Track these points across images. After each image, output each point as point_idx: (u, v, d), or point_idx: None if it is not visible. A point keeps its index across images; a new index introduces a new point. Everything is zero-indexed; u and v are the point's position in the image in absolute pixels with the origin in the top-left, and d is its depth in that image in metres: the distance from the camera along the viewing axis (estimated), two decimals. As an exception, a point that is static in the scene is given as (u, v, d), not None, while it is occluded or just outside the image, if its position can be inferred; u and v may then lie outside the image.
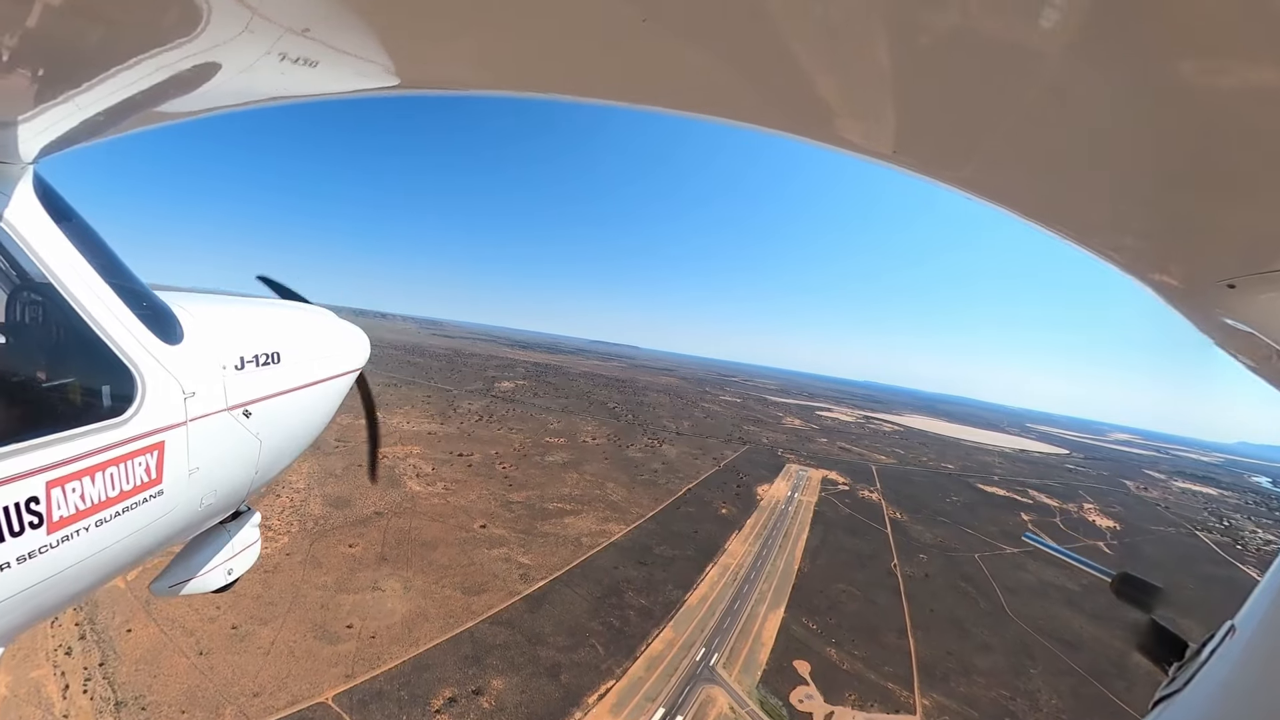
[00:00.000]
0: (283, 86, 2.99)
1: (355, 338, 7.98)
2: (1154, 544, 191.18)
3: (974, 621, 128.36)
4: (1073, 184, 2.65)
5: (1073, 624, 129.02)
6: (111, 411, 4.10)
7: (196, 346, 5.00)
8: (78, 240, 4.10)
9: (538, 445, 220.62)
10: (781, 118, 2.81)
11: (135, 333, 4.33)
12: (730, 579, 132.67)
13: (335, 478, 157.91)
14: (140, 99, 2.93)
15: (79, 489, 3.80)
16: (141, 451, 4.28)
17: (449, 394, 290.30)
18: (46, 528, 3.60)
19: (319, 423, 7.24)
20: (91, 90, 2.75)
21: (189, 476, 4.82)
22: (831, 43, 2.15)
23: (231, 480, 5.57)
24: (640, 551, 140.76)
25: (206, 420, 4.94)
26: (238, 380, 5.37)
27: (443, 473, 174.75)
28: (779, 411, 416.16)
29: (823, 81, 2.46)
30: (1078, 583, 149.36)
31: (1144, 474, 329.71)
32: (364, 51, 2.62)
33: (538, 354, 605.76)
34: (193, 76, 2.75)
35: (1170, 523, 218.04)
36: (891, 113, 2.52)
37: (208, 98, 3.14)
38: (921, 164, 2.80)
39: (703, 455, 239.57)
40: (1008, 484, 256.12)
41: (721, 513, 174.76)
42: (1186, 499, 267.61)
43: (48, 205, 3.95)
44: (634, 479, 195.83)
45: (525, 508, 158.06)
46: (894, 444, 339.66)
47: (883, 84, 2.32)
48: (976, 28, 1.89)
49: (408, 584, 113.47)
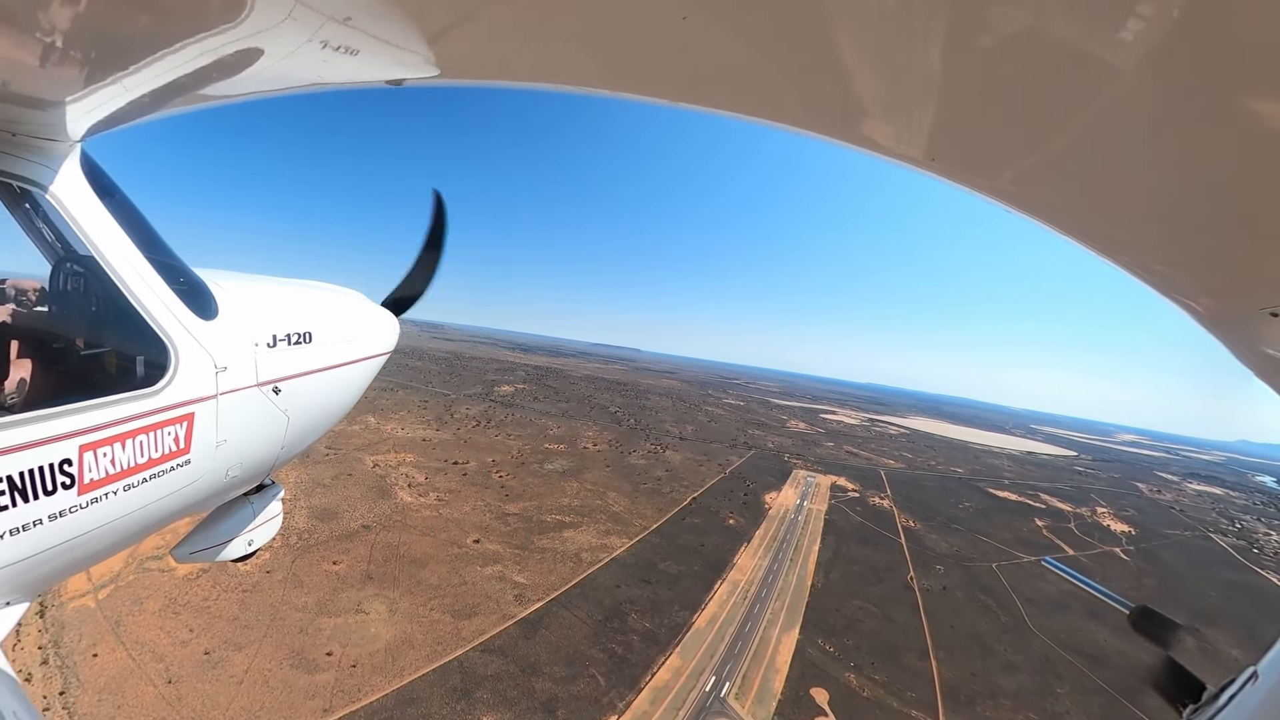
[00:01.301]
0: (323, 74, 3.14)
1: (385, 322, 7.93)
2: (1170, 549, 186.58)
3: (996, 638, 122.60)
4: (1113, 204, 2.66)
5: (1097, 637, 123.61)
6: (145, 381, 4.29)
7: (230, 323, 5.13)
8: (120, 216, 4.26)
9: (536, 452, 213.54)
10: (814, 118, 2.85)
11: (171, 307, 4.46)
12: (740, 597, 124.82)
13: (323, 488, 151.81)
14: (184, 82, 3.07)
15: (110, 454, 3.98)
16: (172, 421, 4.44)
17: (446, 399, 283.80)
18: (77, 489, 3.79)
19: (346, 403, 7.27)
20: (138, 73, 2.87)
21: (216, 448, 4.96)
22: (880, 45, 2.16)
23: (257, 454, 5.72)
24: (644, 568, 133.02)
25: (236, 395, 5.07)
26: (269, 357, 5.48)
27: (436, 482, 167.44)
28: (783, 415, 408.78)
29: (864, 84, 2.48)
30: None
31: (1156, 476, 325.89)
32: (405, 41, 2.69)
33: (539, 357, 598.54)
34: (235, 61, 2.85)
35: (1185, 526, 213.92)
36: (930, 119, 2.57)
37: (249, 82, 3.28)
38: (953, 171, 2.82)
39: (708, 461, 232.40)
40: (1019, 488, 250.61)
41: (729, 523, 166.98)
42: (1200, 501, 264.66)
43: (93, 181, 4.10)
44: (636, 488, 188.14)
45: (522, 520, 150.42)
46: (901, 447, 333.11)
47: (928, 89, 2.34)
48: (1036, 40, 1.88)
49: (393, 606, 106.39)
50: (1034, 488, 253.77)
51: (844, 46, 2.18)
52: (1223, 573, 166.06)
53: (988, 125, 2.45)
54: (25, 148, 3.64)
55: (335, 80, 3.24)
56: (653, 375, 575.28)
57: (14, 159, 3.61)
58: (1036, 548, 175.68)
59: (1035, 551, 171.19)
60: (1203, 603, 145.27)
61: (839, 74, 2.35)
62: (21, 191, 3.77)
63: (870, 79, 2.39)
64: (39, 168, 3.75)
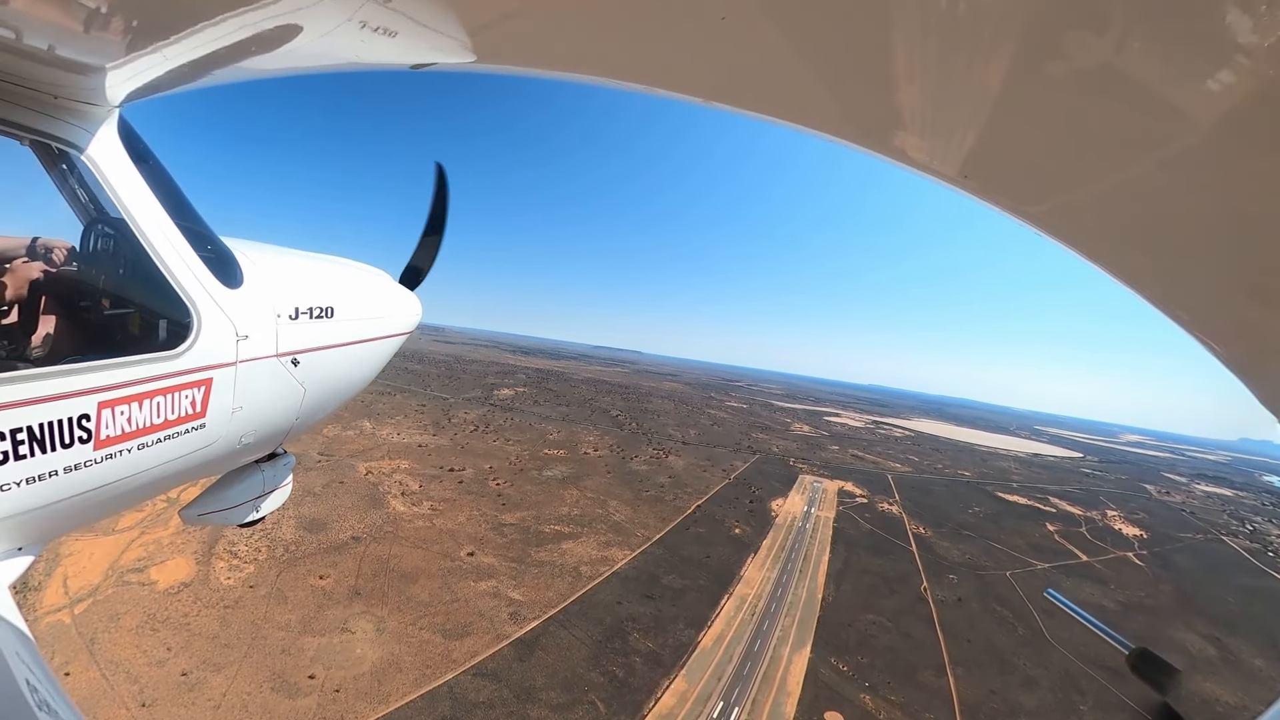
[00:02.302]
0: (360, 54, 3.20)
1: (407, 303, 7.98)
2: (1184, 553, 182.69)
3: (1014, 652, 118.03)
4: (1156, 248, 2.67)
5: (1117, 649, 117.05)
6: (166, 345, 4.40)
7: (254, 293, 5.20)
8: (152, 181, 4.39)
9: (535, 458, 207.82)
10: (846, 126, 2.87)
11: (197, 273, 4.57)
12: (749, 613, 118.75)
13: (313, 497, 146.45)
14: (223, 54, 3.15)
15: (127, 412, 4.07)
16: (190, 385, 4.55)
17: (445, 403, 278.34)
18: (94, 444, 3.88)
19: (362, 379, 7.34)
20: (178, 42, 2.96)
21: (231, 414, 5.05)
22: (935, 60, 2.13)
23: (272, 423, 5.79)
24: (646, 582, 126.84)
25: (255, 364, 5.16)
26: (290, 330, 5.55)
27: (431, 490, 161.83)
28: (786, 417, 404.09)
29: (908, 97, 2.45)
30: (1114, 600, 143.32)
31: (1163, 477, 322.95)
32: (443, 26, 2.73)
33: (540, 360, 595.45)
34: (274, 36, 2.93)
35: (1196, 529, 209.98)
36: (973, 139, 2.56)
37: (286, 58, 3.35)
38: (986, 191, 2.83)
39: (711, 467, 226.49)
40: (1028, 491, 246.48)
41: (735, 533, 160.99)
42: (1209, 503, 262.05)
43: (129, 146, 4.23)
44: (638, 495, 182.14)
45: (519, 531, 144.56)
46: (907, 450, 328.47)
47: (977, 110, 2.32)
48: (1111, 76, 1.85)
49: (381, 625, 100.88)
50: (1043, 491, 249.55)
51: (894, 59, 2.14)
52: (1239, 577, 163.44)
53: (1036, 154, 2.43)
54: (66, 110, 3.74)
55: (371, 61, 3.28)
56: (654, 378, 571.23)
57: (54, 121, 3.71)
58: (1050, 554, 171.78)
59: (1048, 558, 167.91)
60: (1221, 609, 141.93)
61: (882, 85, 2.34)
62: (59, 152, 3.88)
63: (916, 94, 2.35)
64: (78, 130, 3.85)
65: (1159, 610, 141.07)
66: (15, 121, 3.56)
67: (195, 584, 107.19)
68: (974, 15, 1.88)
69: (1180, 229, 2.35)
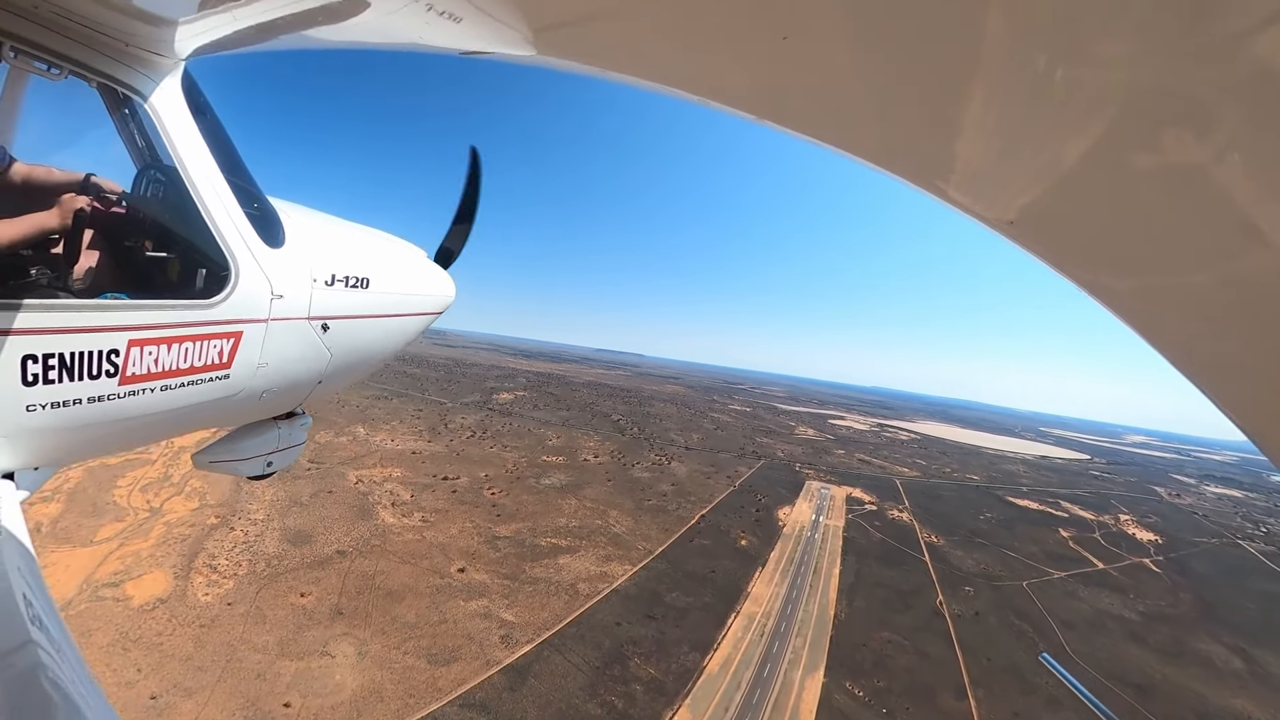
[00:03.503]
0: (423, 35, 3.28)
1: (442, 284, 8.01)
2: (1201, 558, 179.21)
3: (1035, 669, 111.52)
4: (1212, 326, 2.52)
5: (1142, 664, 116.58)
6: (202, 293, 4.51)
7: (294, 255, 5.27)
8: (208, 135, 4.48)
9: (533, 465, 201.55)
10: (893, 160, 2.85)
11: (241, 228, 4.66)
12: (757, 634, 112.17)
13: (300, 506, 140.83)
14: (290, 20, 3.30)
15: (155, 353, 4.19)
16: (219, 336, 4.65)
17: (442, 407, 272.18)
18: (119, 379, 4.00)
19: (387, 353, 7.46)
20: (248, 5, 3.14)
21: (256, 369, 5.13)
22: (1006, 120, 2.12)
23: (294, 383, 5.88)
24: (648, 600, 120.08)
25: (286, 324, 5.23)
26: (324, 295, 5.62)
27: (423, 500, 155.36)
28: (791, 421, 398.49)
29: (969, 145, 2.41)
30: (1135, 610, 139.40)
31: (1172, 479, 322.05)
32: (510, 18, 2.78)
33: (541, 363, 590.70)
34: (341, 8, 3.05)
35: (1211, 533, 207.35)
36: (1025, 200, 2.50)
37: (350, 31, 3.46)
38: (1032, 244, 2.77)
39: (716, 473, 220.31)
40: (1038, 496, 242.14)
41: (741, 544, 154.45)
42: (1221, 505, 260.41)
43: (189, 99, 4.37)
44: (640, 505, 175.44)
45: (513, 545, 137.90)
46: (914, 454, 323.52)
47: (1041, 177, 2.29)
48: (1199, 181, 1.84)
49: (363, 648, 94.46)
50: (1054, 495, 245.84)
51: (967, 107, 2.11)
52: (1259, 583, 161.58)
53: (1092, 228, 2.36)
54: (135, 59, 3.90)
55: (435, 44, 3.35)
56: (657, 381, 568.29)
57: (124, 67, 3.87)
58: (1065, 561, 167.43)
59: (1065, 566, 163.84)
60: (1244, 618, 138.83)
61: (941, 127, 2.31)
62: (124, 98, 4.05)
63: (978, 142, 2.30)
64: (144, 78, 4.00)
65: (1181, 620, 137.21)
66: (87, 64, 3.70)
67: (172, 600, 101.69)
68: (1069, 89, 1.86)
69: (1224, 332, 2.28)
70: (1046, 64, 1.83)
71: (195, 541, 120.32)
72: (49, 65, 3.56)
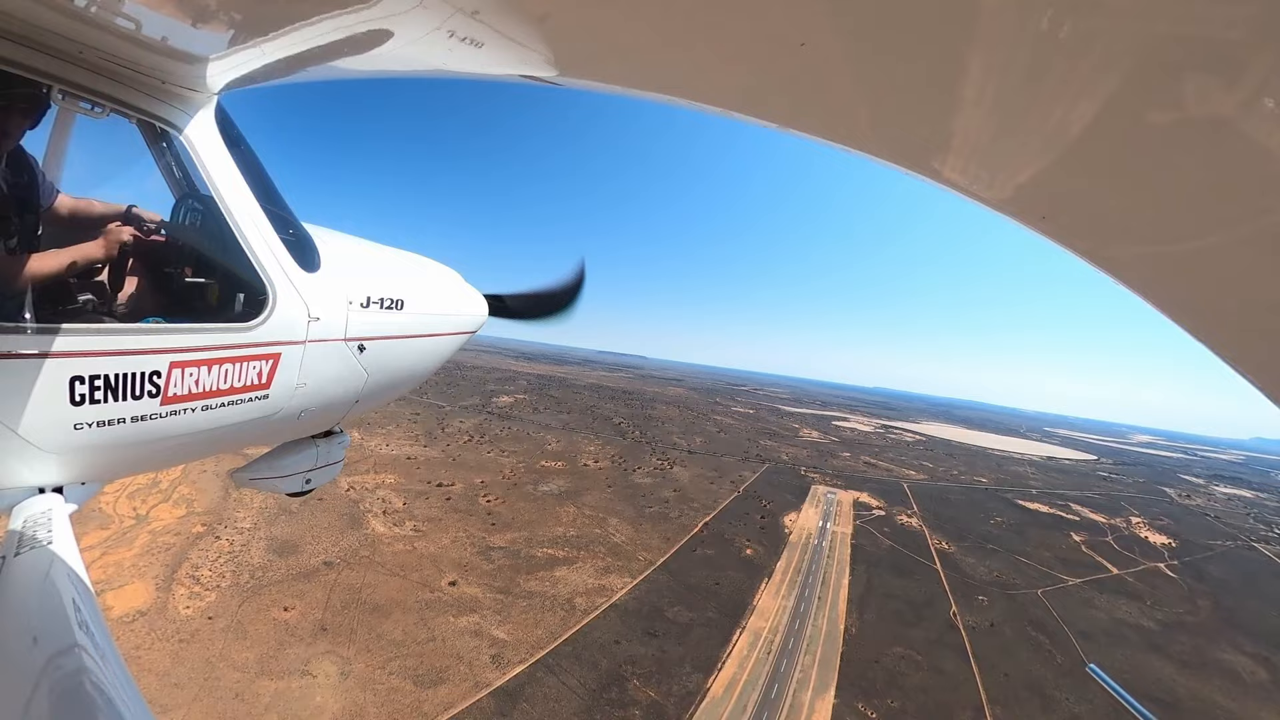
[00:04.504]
0: (447, 62, 3.39)
1: (475, 304, 8.19)
2: (1216, 562, 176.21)
3: (1055, 684, 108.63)
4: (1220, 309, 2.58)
5: (1163, 675, 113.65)
6: (241, 317, 4.68)
7: (330, 279, 5.42)
8: (243, 165, 4.68)
9: (531, 471, 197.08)
10: (914, 159, 2.85)
11: (277, 254, 4.81)
12: (764, 651, 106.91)
13: (288, 515, 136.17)
14: (316, 53, 3.44)
15: (196, 375, 4.37)
16: (258, 358, 4.80)
17: (440, 411, 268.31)
18: (160, 399, 4.17)
19: (422, 373, 7.60)
20: (276, 39, 3.28)
21: (294, 390, 5.26)
22: (1036, 107, 2.06)
23: (332, 403, 6.01)
24: (649, 616, 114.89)
25: (323, 345, 5.38)
26: (360, 317, 5.76)
27: (415, 508, 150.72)
28: (794, 423, 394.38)
29: (1005, 147, 2.41)
30: (1153, 619, 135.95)
31: (1181, 479, 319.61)
32: (529, 40, 2.85)
33: (542, 365, 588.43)
34: (366, 39, 3.16)
35: (1225, 535, 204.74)
36: (1068, 191, 2.50)
37: (376, 61, 3.59)
38: (1061, 235, 2.77)
39: (719, 478, 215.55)
40: (1048, 498, 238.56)
41: (746, 554, 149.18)
42: (1232, 506, 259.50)
43: (223, 131, 4.56)
44: (641, 512, 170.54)
45: (508, 556, 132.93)
46: (919, 456, 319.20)
47: (1076, 164, 2.24)
48: (1229, 134, 1.79)
49: (346, 667, 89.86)
50: (1063, 497, 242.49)
51: (960, 74, 2.05)
52: (1277, 587, 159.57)
53: (1128, 201, 2.32)
54: (170, 94, 4.12)
55: (458, 69, 3.47)
56: (659, 383, 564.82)
57: (160, 103, 4.09)
58: (1079, 567, 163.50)
59: (1079, 572, 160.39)
60: (1266, 625, 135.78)
61: (936, 103, 2.28)
62: (161, 132, 4.28)
63: (977, 115, 2.26)
64: (179, 113, 4.22)
65: (1201, 628, 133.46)
66: (127, 101, 3.93)
67: (152, 613, 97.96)
68: (1079, 44, 1.79)
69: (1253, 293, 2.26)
70: (1052, 18, 1.75)
71: (179, 551, 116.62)
72: (92, 105, 3.79)
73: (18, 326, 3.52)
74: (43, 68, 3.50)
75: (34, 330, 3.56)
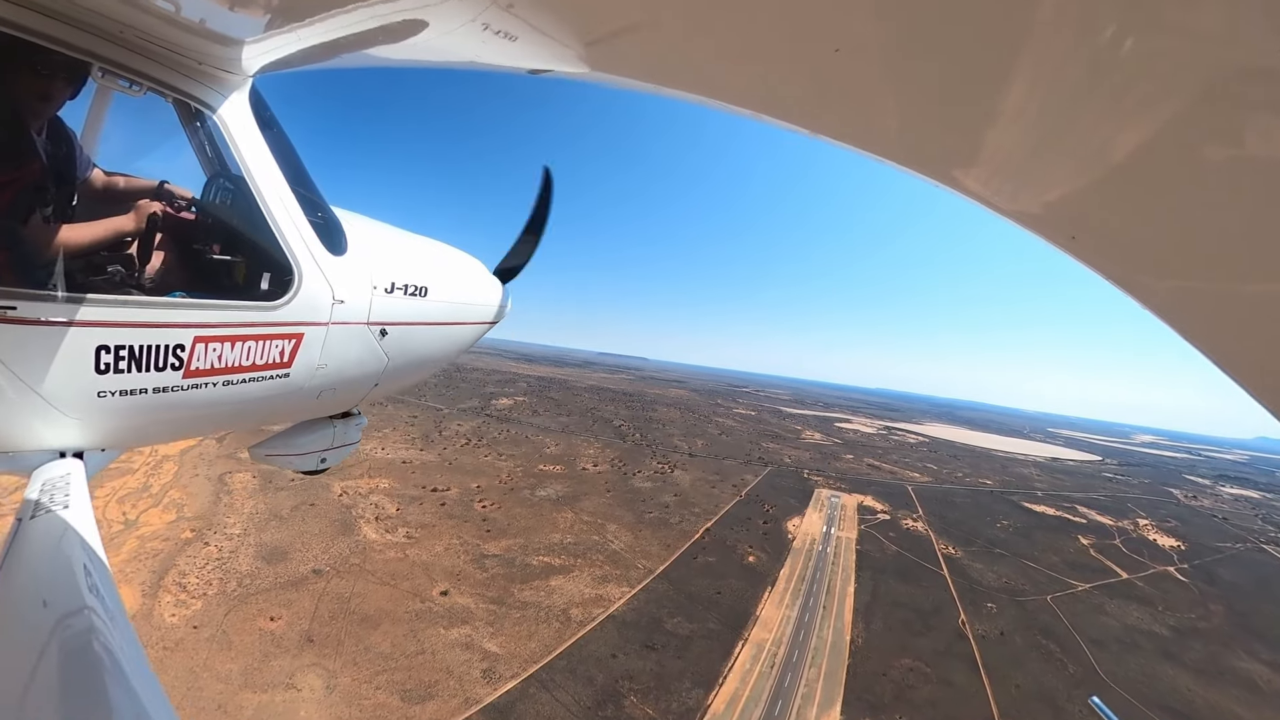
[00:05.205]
0: (480, 54, 3.44)
1: (497, 294, 8.25)
2: (1226, 565, 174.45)
3: (1068, 695, 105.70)
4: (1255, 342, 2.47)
5: (1178, 684, 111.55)
6: (267, 296, 4.74)
7: (356, 263, 5.50)
8: (275, 147, 4.76)
9: (529, 475, 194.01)
10: (910, 153, 2.84)
11: (305, 236, 4.90)
12: (767, 664, 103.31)
13: (279, 521, 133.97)
14: (351, 40, 3.51)
15: (219, 350, 4.45)
16: (281, 336, 4.88)
17: (438, 414, 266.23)
18: (183, 372, 4.26)
19: (442, 359, 7.64)
20: (311, 25, 3.37)
21: (315, 370, 5.33)
22: (1045, 90, 1.99)
23: (352, 385, 6.09)
24: (647, 628, 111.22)
25: (346, 328, 5.44)
26: (384, 302, 5.82)
27: (409, 514, 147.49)
28: (797, 424, 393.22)
29: (1040, 166, 2.35)
30: (1165, 625, 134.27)
31: (1186, 480, 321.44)
32: (562, 35, 2.88)
33: (543, 367, 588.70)
34: (400, 29, 3.23)
35: (1233, 537, 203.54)
36: (1103, 216, 2.41)
37: (410, 50, 3.66)
38: (1091, 258, 2.68)
39: (721, 482, 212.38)
40: (1054, 500, 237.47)
41: (749, 561, 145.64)
42: (1239, 507, 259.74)
43: (257, 113, 4.65)
44: (640, 518, 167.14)
45: (502, 564, 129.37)
46: (923, 458, 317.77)
47: (1096, 161, 2.15)
48: None
49: (332, 681, 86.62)
50: (1069, 499, 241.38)
51: (1003, 85, 2.00)
52: None
53: (1164, 232, 2.23)
54: (207, 76, 4.21)
55: (490, 62, 3.52)
56: (660, 385, 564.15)
57: (196, 84, 4.18)
58: (1088, 572, 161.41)
59: (1088, 576, 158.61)
60: None
61: (972, 116, 2.23)
62: (196, 111, 4.34)
63: (1015, 129, 2.20)
64: (214, 94, 4.31)
65: (1214, 635, 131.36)
66: (164, 81, 4.03)
67: (137, 620, 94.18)
68: (1140, 65, 1.72)
69: None
70: (1115, 34, 1.67)
71: (167, 557, 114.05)
72: (130, 83, 3.90)
73: (48, 294, 3.60)
74: (85, 45, 3.57)
75: (64, 299, 3.64)
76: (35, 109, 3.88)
